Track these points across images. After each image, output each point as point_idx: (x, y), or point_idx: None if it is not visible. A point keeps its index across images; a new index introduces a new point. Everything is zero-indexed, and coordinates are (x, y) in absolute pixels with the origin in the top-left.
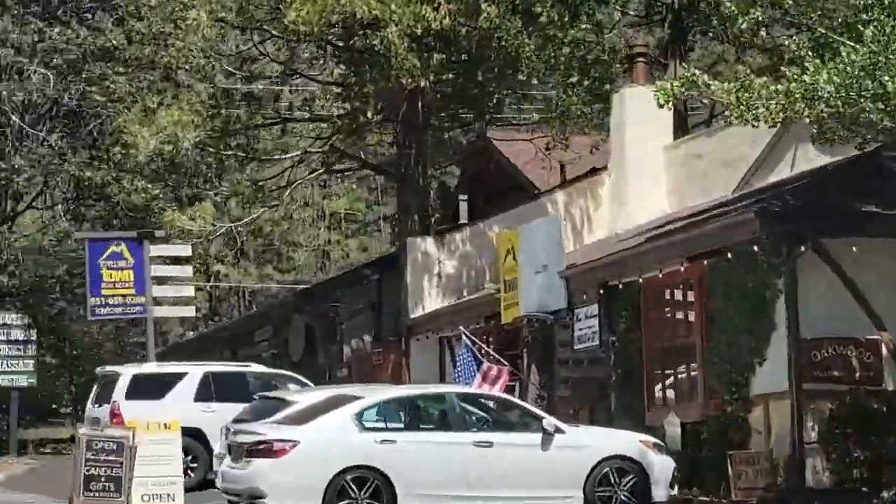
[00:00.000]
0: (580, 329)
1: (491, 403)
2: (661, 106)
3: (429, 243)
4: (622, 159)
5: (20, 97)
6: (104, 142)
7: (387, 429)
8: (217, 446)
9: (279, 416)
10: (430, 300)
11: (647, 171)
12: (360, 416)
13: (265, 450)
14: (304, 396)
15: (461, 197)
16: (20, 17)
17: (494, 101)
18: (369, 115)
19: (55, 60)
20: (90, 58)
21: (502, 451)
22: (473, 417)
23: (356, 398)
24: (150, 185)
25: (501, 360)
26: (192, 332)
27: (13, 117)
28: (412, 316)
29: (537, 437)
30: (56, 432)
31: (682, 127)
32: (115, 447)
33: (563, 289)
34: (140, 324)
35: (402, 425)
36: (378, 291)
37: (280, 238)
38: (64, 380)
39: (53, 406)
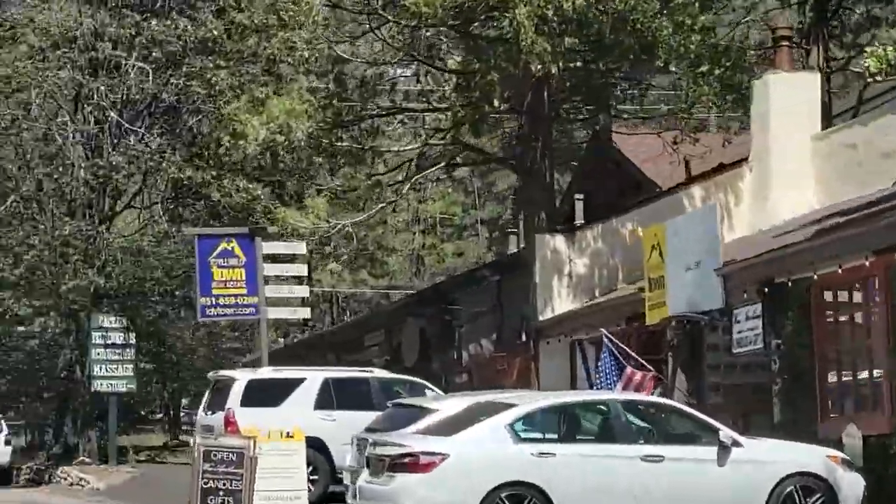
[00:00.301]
0: (739, 331)
1: (659, 412)
2: (871, 76)
3: (558, 241)
4: (765, 151)
5: (118, 93)
6: (203, 140)
7: (544, 440)
8: (347, 458)
9: (420, 425)
10: (560, 301)
11: (793, 164)
12: (514, 425)
13: (411, 464)
14: (444, 404)
15: (577, 196)
16: (118, 11)
17: (617, 92)
18: (495, 103)
19: (154, 54)
20: (190, 51)
21: (674, 467)
22: (640, 428)
23: (508, 406)
24: (251, 186)
25: (646, 364)
26: (282, 339)
27: (111, 114)
28: (541, 318)
29: (712, 451)
30: (148, 439)
31: (825, 116)
32: (234, 458)
33: (720, 287)
34: (238, 328)
35: (559, 436)
36: (497, 293)
37: (373, 242)
38: (157, 385)
39: (142, 412)
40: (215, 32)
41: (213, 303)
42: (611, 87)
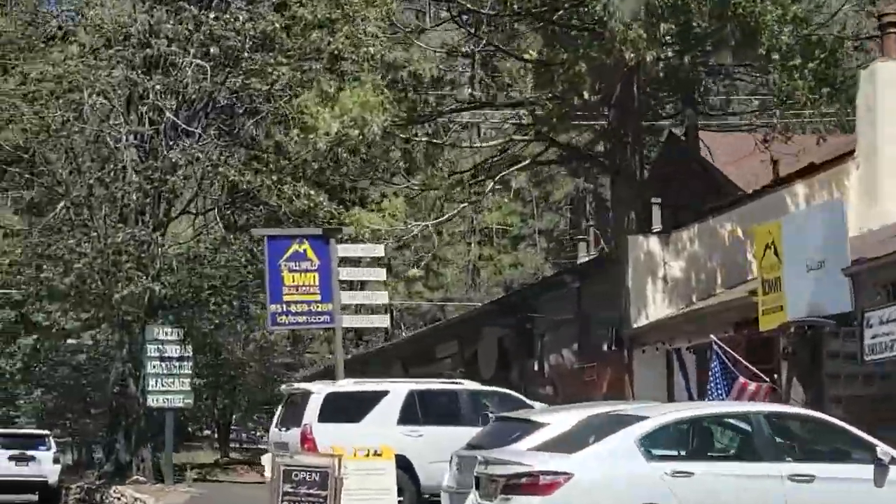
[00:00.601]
0: (873, 336)
1: (806, 426)
2: None
3: (652, 242)
4: (873, 145)
5: (174, 92)
6: (262, 142)
7: (678, 457)
8: (445, 477)
9: (530, 441)
10: (655, 307)
11: None
12: (644, 441)
13: (529, 485)
14: (554, 417)
15: (653, 199)
16: (174, 5)
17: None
18: (585, 95)
19: (212, 51)
20: (249, 48)
21: (825, 487)
22: (784, 444)
23: (637, 418)
24: (312, 192)
25: (760, 374)
26: (330, 356)
27: (167, 113)
28: (635, 325)
29: (868, 470)
30: (197, 457)
31: None
32: (317, 478)
33: (848, 289)
34: (289, 341)
35: (695, 453)
36: (578, 300)
37: (428, 253)
38: (207, 401)
39: (190, 429)
40: (277, 26)
41: (284, 310)
42: (699, 81)
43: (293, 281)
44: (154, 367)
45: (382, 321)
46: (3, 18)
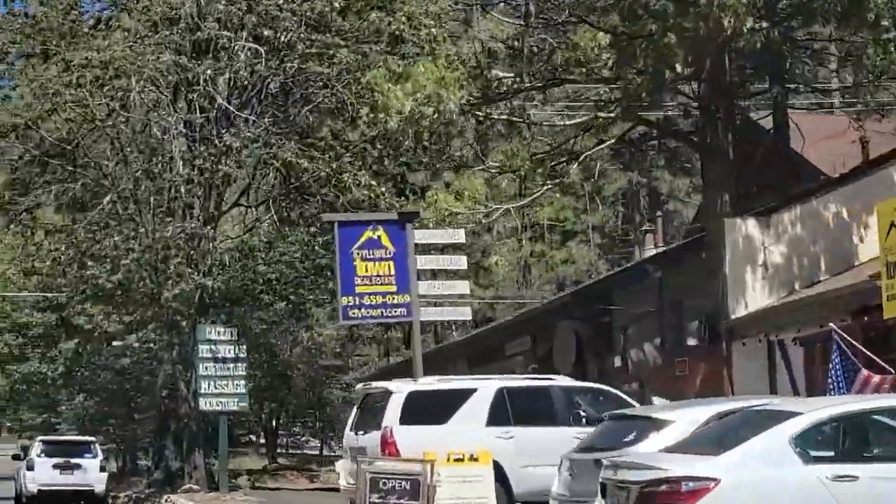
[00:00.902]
0: None
1: None
2: None
3: (750, 226)
4: None
5: (225, 78)
6: (318, 129)
7: (838, 458)
8: (555, 484)
9: (654, 440)
10: (755, 295)
11: None
12: (798, 440)
13: (669, 492)
14: (678, 414)
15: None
16: None
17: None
18: (678, 68)
19: (265, 33)
20: (304, 29)
21: None
22: None
23: (788, 414)
24: (373, 183)
25: (887, 367)
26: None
27: (218, 99)
28: (733, 315)
29: None
30: (244, 463)
31: None
32: (407, 487)
33: None
34: (337, 343)
35: (855, 454)
36: (660, 290)
37: (477, 250)
38: (255, 405)
39: (238, 433)
40: (337, 5)
41: (357, 302)
42: (789, 55)
43: (366, 271)
44: (206, 368)
45: (465, 314)
46: (44, 5)
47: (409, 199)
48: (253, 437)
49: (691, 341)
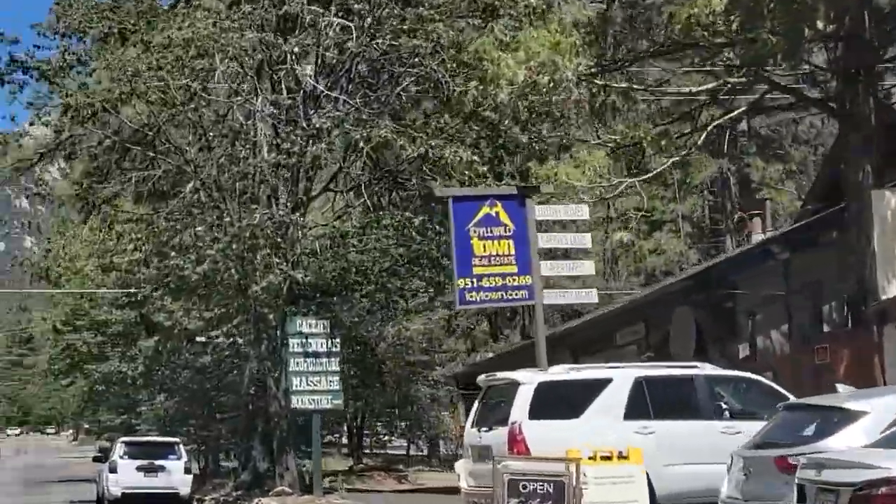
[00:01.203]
0: None
1: None
2: None
3: None
4: None
5: (313, 56)
6: (412, 109)
7: None
8: (724, 485)
9: (847, 434)
10: None
11: None
12: None
13: (892, 495)
14: (872, 403)
15: None
16: None
17: None
18: (819, 25)
19: (355, 7)
20: (396, 3)
21: None
22: None
23: None
24: (476, 159)
25: None
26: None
27: (306, 78)
28: (884, 296)
29: None
30: (327, 463)
31: None
32: (550, 490)
33: None
34: (424, 337)
35: None
36: (785, 273)
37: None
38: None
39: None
40: None
41: (475, 285)
42: None
43: (484, 250)
44: (297, 364)
45: (591, 296)
46: None
47: (505, 177)
48: (334, 437)
49: (826, 327)
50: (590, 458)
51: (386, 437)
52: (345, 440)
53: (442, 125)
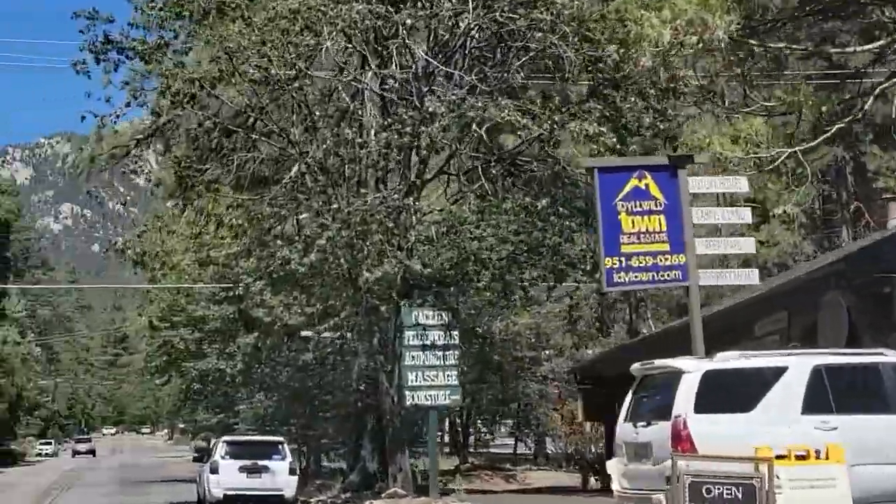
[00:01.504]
0: None
1: None
2: None
3: None
4: None
5: (427, 30)
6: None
7: None
8: None
9: None
10: None
11: None
12: None
13: None
14: None
15: None
16: None
17: None
18: None
19: None
20: None
21: None
22: None
23: None
24: (603, 129)
25: None
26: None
27: (419, 53)
28: None
29: None
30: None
31: None
32: (738, 494)
33: None
34: (532, 332)
35: None
36: None
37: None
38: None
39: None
40: None
41: (623, 264)
42: None
43: (633, 226)
44: (413, 357)
45: (751, 277)
46: None
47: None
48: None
49: None
50: (782, 458)
51: (489, 436)
52: (446, 438)
53: (561, 104)
